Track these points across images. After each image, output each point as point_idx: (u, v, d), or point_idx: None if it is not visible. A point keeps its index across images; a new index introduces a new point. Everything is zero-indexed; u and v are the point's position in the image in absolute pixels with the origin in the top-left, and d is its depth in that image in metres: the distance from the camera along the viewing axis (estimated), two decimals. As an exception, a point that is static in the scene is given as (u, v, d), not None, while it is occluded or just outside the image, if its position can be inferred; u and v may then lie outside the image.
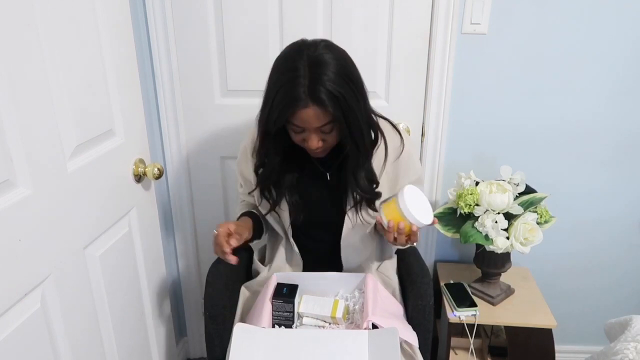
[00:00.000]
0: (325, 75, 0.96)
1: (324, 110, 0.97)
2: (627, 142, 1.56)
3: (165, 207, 1.70)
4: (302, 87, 0.96)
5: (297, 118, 0.99)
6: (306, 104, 0.97)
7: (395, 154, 1.17)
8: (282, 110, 0.98)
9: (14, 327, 0.83)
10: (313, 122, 1.00)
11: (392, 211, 1.01)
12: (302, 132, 1.04)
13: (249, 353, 0.99)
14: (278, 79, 1.00)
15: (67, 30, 0.94)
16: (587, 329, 1.78)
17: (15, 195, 0.83)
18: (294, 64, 0.98)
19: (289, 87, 0.97)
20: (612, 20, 1.42)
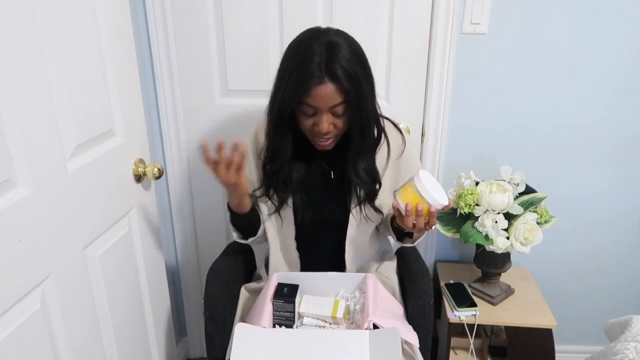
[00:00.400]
0: (341, 54, 0.98)
1: (339, 87, 0.98)
2: (627, 143, 1.56)
3: (165, 207, 1.70)
4: (318, 64, 0.97)
5: (311, 95, 0.99)
6: (321, 80, 0.98)
7: (397, 153, 1.18)
8: (298, 87, 0.99)
9: (14, 327, 0.83)
10: (327, 100, 1.00)
11: (409, 194, 1.00)
12: (313, 115, 1.03)
13: (250, 353, 0.99)
14: (293, 60, 1.01)
15: (67, 30, 0.94)
16: (587, 329, 1.78)
17: (15, 195, 0.83)
18: (309, 44, 1.00)
19: (305, 64, 0.98)
20: (612, 21, 1.42)
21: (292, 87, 0.99)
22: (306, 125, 1.06)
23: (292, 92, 1.00)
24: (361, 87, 1.01)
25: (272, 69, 1.49)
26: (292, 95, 1.00)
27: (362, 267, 1.27)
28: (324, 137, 1.06)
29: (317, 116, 1.03)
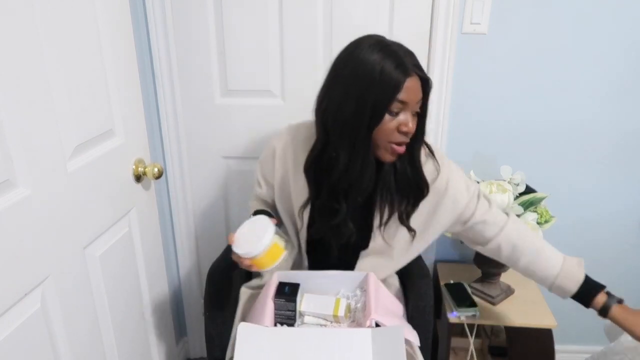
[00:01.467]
0: (414, 57, 0.99)
1: (422, 80, 0.98)
2: (627, 142, 1.56)
3: (165, 207, 1.70)
4: (406, 60, 0.96)
5: (405, 90, 0.95)
6: (412, 74, 0.96)
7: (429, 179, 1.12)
8: (396, 83, 0.94)
9: (14, 327, 0.83)
10: (416, 94, 0.98)
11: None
12: (397, 114, 0.98)
13: (253, 352, 0.99)
14: (375, 60, 0.95)
15: (67, 30, 0.94)
16: (587, 329, 1.78)
17: (15, 195, 0.83)
18: (381, 43, 0.98)
19: (394, 61, 0.95)
20: (612, 20, 1.42)
21: (386, 85, 0.94)
22: (390, 128, 0.99)
23: (389, 91, 0.95)
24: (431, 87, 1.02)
25: (272, 69, 1.52)
26: (389, 94, 0.95)
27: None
28: (405, 139, 1.01)
29: (402, 116, 0.98)
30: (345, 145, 1.01)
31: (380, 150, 1.02)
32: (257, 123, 1.58)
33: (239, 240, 0.96)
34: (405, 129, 0.99)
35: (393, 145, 1.01)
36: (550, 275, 1.14)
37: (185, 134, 1.62)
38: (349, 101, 0.97)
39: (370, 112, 0.96)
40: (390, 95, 0.95)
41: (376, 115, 0.97)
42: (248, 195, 1.67)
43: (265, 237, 0.93)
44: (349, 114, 0.98)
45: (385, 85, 0.95)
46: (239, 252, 0.94)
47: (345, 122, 0.99)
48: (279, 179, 1.18)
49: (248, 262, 0.96)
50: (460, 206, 1.13)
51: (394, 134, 1.00)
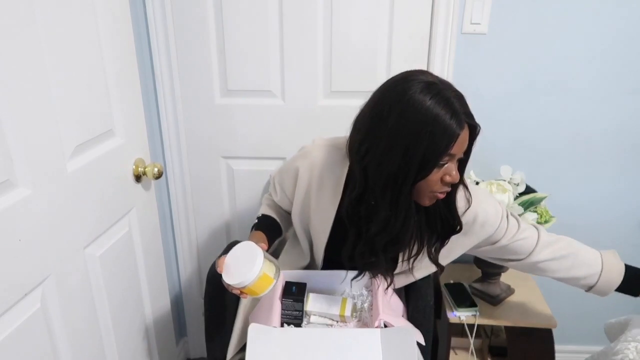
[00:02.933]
0: (462, 98, 0.93)
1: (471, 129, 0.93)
2: (627, 142, 1.56)
3: (165, 207, 1.70)
4: (458, 110, 0.89)
5: (457, 142, 0.90)
6: (463, 127, 0.89)
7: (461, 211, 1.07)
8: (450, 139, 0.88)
9: (14, 327, 0.83)
10: (464, 146, 0.93)
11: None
12: (444, 165, 0.93)
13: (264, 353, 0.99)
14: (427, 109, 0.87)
15: (67, 30, 0.94)
16: (587, 329, 1.78)
17: (15, 195, 0.83)
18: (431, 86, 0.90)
19: (448, 111, 0.88)
20: (612, 20, 1.42)
21: (440, 140, 0.88)
22: (434, 180, 0.93)
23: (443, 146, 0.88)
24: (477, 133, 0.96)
25: (272, 69, 1.52)
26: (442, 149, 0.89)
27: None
28: (448, 189, 0.97)
29: (448, 165, 0.93)
30: (386, 198, 0.95)
31: (422, 197, 0.98)
32: (257, 123, 1.58)
33: (228, 268, 0.95)
34: (449, 180, 0.94)
35: (436, 193, 0.96)
36: (594, 274, 1.14)
37: (185, 134, 1.62)
38: (395, 152, 0.90)
39: (418, 166, 0.90)
40: (443, 150, 0.89)
41: (424, 170, 0.91)
42: (248, 195, 1.68)
43: (255, 267, 0.91)
44: (394, 167, 0.91)
45: (438, 138, 0.88)
46: (230, 283, 0.93)
47: (390, 174, 0.92)
48: (299, 198, 1.15)
49: (238, 291, 0.94)
50: (489, 231, 1.10)
51: (438, 184, 0.95)
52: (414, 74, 0.94)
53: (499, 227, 1.10)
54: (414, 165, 0.90)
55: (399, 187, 0.93)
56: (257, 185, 1.67)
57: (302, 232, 1.20)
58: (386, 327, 1.03)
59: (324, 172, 1.10)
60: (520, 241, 1.13)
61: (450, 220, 1.06)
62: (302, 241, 1.21)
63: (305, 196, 1.14)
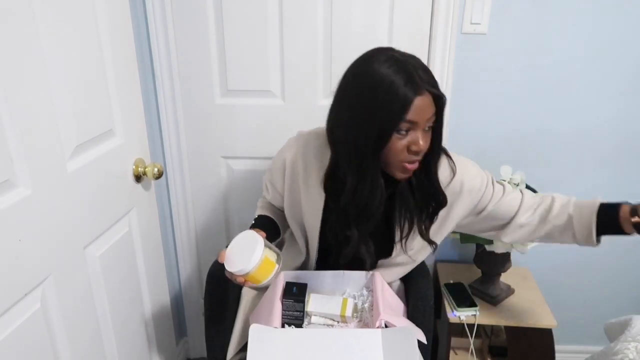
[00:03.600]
0: (426, 70, 0.93)
1: (434, 96, 0.92)
2: (628, 142, 1.56)
3: (165, 207, 1.70)
4: (415, 76, 0.89)
5: (414, 109, 0.90)
6: (422, 91, 0.90)
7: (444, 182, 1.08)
8: (404, 103, 0.89)
9: (14, 327, 0.83)
10: (426, 112, 0.92)
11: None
12: (407, 133, 0.93)
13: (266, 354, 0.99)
14: (382, 77, 0.90)
15: (67, 30, 0.94)
16: (587, 329, 1.78)
17: (15, 195, 0.83)
18: (392, 57, 0.92)
19: (403, 77, 0.89)
20: (612, 20, 1.42)
21: (393, 105, 0.89)
22: (399, 148, 0.94)
23: (396, 112, 0.90)
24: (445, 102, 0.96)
25: (272, 69, 1.52)
26: (397, 115, 0.90)
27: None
28: (416, 157, 0.96)
29: (412, 134, 0.93)
30: (352, 169, 0.97)
31: (392, 168, 0.99)
32: (257, 123, 1.58)
33: (229, 257, 0.95)
34: (416, 148, 0.94)
35: (404, 164, 0.97)
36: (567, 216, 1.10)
37: (185, 134, 1.62)
38: (355, 123, 0.93)
39: (376, 134, 0.92)
40: (398, 116, 0.90)
41: (383, 138, 0.93)
42: (248, 195, 1.68)
43: (255, 253, 0.91)
44: (355, 137, 0.94)
45: (392, 104, 0.90)
46: (232, 270, 0.93)
47: (352, 145, 0.95)
48: (288, 189, 1.16)
49: (242, 279, 0.94)
50: (476, 197, 1.11)
51: (404, 153, 0.95)
52: (380, 50, 0.97)
53: (485, 192, 1.11)
54: (373, 133, 0.92)
55: (362, 156, 0.95)
56: (257, 186, 1.67)
57: (295, 226, 1.20)
58: (387, 327, 1.03)
59: (309, 159, 1.12)
60: (505, 204, 1.12)
61: (436, 195, 1.06)
62: (297, 236, 1.21)
63: (294, 186, 1.15)
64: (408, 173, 0.99)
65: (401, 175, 1.00)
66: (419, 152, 0.95)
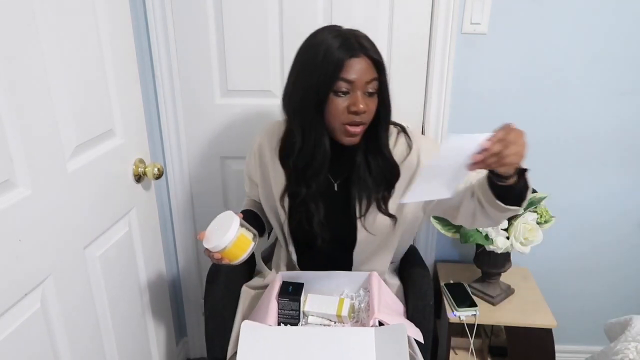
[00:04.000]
0: (367, 40, 1.02)
1: (373, 62, 1.00)
2: (627, 142, 1.56)
3: (165, 207, 1.70)
4: (351, 40, 0.98)
5: (349, 68, 0.97)
6: (357, 53, 0.98)
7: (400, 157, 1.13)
8: (337, 63, 0.97)
9: (14, 327, 0.83)
10: (364, 73, 0.99)
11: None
12: (346, 94, 1.00)
13: (256, 351, 0.99)
14: (321, 43, 0.99)
15: (67, 30, 0.94)
16: (587, 329, 1.78)
17: (15, 195, 0.83)
18: (334, 30, 1.01)
19: (339, 41, 0.98)
20: (612, 20, 1.42)
21: (327, 65, 0.97)
22: (339, 109, 1.00)
23: (330, 71, 0.97)
24: (385, 73, 1.03)
25: (272, 69, 1.52)
26: (330, 73, 0.97)
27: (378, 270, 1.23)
28: (357, 119, 1.01)
29: (352, 95, 1.00)
30: (298, 129, 1.05)
31: (337, 132, 1.05)
32: (257, 123, 1.58)
33: (208, 236, 1.00)
34: (354, 109, 1.00)
35: (347, 126, 1.02)
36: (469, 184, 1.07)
37: (185, 134, 1.62)
38: (299, 85, 1.03)
39: (315, 93, 1.00)
40: (332, 74, 0.97)
41: (321, 95, 1.00)
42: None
43: (231, 229, 0.97)
44: (299, 98, 1.03)
45: (327, 64, 0.97)
46: (208, 247, 0.98)
47: (297, 106, 1.04)
48: (260, 175, 1.21)
49: (218, 255, 0.99)
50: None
51: (345, 114, 1.01)
52: (326, 26, 1.06)
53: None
54: (313, 92, 1.00)
55: (305, 115, 1.03)
56: (257, 185, 1.67)
57: (270, 212, 1.22)
58: (381, 326, 1.03)
59: (274, 143, 1.18)
60: None
61: (389, 167, 1.10)
62: (273, 222, 1.24)
63: (265, 171, 1.19)
64: (352, 137, 1.04)
65: (346, 139, 1.05)
66: (358, 113, 1.00)
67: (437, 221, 1.47)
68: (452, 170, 0.89)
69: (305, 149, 1.06)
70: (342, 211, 1.15)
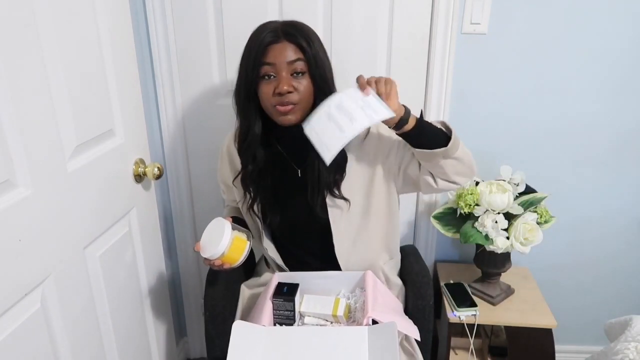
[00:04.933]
0: (297, 24, 1.08)
1: (296, 44, 1.05)
2: (627, 141, 1.56)
3: (165, 207, 1.70)
4: (274, 29, 1.05)
5: (270, 53, 1.04)
6: (278, 39, 1.04)
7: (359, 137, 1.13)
8: (257, 52, 1.04)
9: (14, 327, 0.83)
10: (284, 55, 1.04)
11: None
12: (273, 77, 1.05)
13: (247, 351, 0.99)
14: (253, 36, 1.07)
15: (67, 30, 0.94)
16: (587, 329, 1.78)
17: (15, 195, 0.83)
18: (270, 23, 1.08)
19: (266, 31, 1.05)
20: (611, 20, 1.42)
21: (252, 53, 1.04)
22: (267, 93, 1.06)
23: (253, 58, 1.04)
24: (318, 53, 1.07)
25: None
26: (253, 60, 1.04)
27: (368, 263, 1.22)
28: (284, 100, 1.05)
29: (277, 77, 1.05)
30: (239, 118, 1.14)
31: (273, 115, 1.10)
32: (257, 123, 1.58)
33: (204, 246, 1.04)
34: (278, 90, 1.04)
35: (276, 107, 1.07)
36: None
37: (185, 134, 1.62)
38: (238, 76, 1.10)
39: (246, 82, 1.07)
40: (254, 60, 1.04)
41: (251, 83, 1.06)
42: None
43: (224, 235, 1.01)
44: (238, 90, 1.11)
45: (252, 52, 1.05)
46: (206, 256, 1.02)
47: (237, 97, 1.12)
48: (233, 174, 1.23)
49: (219, 262, 1.04)
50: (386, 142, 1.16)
51: (273, 97, 1.06)
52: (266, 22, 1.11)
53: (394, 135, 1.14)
54: (245, 82, 1.08)
55: (241, 104, 1.12)
56: (257, 185, 1.67)
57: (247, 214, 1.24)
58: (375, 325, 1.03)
59: None
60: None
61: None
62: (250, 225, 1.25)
63: (235, 170, 1.22)
64: (283, 115, 1.08)
65: (280, 118, 1.09)
66: (282, 93, 1.04)
67: (437, 221, 1.47)
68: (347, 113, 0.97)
69: (242, 133, 1.15)
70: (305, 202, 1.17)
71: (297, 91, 1.06)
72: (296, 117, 1.08)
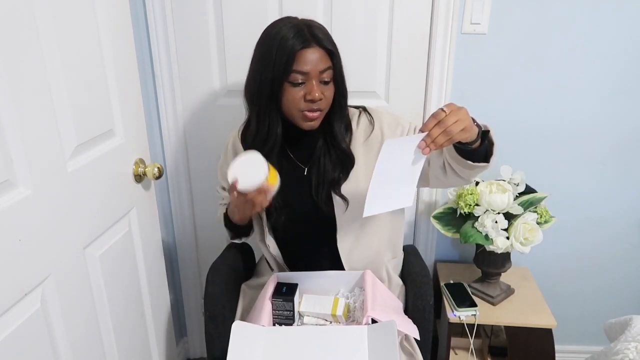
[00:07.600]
0: (321, 30, 1.06)
1: (326, 51, 1.04)
2: (627, 141, 1.56)
3: (165, 207, 1.70)
4: (304, 32, 1.02)
5: (302, 60, 1.01)
6: (310, 44, 1.02)
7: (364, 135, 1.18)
8: (288, 56, 1.01)
9: (14, 327, 0.83)
10: (317, 64, 1.03)
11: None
12: (302, 84, 1.04)
13: (247, 351, 0.99)
14: (276, 35, 1.03)
15: (67, 30, 0.94)
16: (587, 329, 1.78)
17: (15, 195, 0.83)
18: (289, 21, 1.05)
19: (293, 33, 1.01)
20: (611, 20, 1.42)
21: (282, 55, 1.01)
22: (296, 98, 1.05)
23: (283, 63, 1.01)
24: (340, 61, 1.08)
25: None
26: (283, 66, 1.01)
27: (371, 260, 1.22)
28: (314, 107, 1.05)
29: (307, 84, 1.04)
30: (254, 116, 1.11)
31: (296, 119, 1.09)
32: (257, 123, 1.58)
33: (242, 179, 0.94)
34: (310, 97, 1.04)
35: (305, 112, 1.06)
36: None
37: (185, 134, 1.62)
38: (256, 75, 1.07)
39: (270, 83, 1.04)
40: (285, 66, 1.01)
41: (276, 86, 1.04)
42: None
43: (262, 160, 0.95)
44: (256, 87, 1.07)
45: (281, 56, 1.01)
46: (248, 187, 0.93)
47: (253, 95, 1.09)
48: None
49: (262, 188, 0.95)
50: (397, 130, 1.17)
51: (302, 103, 1.05)
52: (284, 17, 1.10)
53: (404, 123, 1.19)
54: (268, 83, 1.04)
55: (260, 103, 1.08)
56: (257, 185, 1.67)
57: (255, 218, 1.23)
58: (374, 324, 1.03)
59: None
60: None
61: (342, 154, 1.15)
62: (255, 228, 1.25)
63: None
64: (311, 121, 1.08)
65: (305, 124, 1.09)
66: (314, 101, 1.04)
67: (437, 221, 1.47)
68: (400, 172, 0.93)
69: (260, 135, 1.11)
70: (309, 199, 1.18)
71: (325, 99, 1.07)
72: (318, 123, 1.10)
